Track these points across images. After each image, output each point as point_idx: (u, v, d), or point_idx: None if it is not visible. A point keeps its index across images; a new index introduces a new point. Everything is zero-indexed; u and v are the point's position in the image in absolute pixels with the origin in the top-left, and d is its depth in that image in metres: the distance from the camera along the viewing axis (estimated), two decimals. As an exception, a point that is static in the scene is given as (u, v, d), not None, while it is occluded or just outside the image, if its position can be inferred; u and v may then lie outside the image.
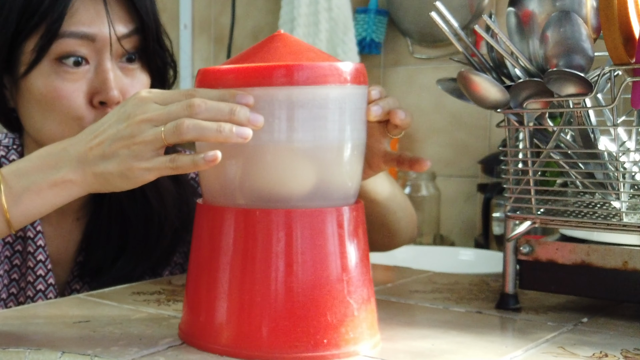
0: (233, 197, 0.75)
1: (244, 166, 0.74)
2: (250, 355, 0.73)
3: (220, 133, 0.72)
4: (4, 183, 0.82)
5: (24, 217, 0.83)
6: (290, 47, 0.77)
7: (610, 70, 0.80)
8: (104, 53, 1.00)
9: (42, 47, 0.98)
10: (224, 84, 0.75)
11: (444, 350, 0.77)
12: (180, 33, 2.67)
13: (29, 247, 1.07)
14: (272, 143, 0.73)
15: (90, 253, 1.11)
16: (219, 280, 0.74)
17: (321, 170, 0.75)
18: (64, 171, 0.80)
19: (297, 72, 0.72)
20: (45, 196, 0.81)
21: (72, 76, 1.00)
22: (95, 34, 0.99)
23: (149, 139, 0.75)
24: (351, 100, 0.75)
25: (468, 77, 0.84)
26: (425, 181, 2.04)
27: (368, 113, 0.79)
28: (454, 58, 1.00)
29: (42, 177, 0.81)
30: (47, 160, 0.82)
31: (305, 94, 0.73)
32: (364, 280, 0.76)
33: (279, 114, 0.73)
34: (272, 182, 0.74)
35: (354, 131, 0.76)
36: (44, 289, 1.08)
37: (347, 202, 0.77)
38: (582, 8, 0.82)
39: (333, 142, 0.75)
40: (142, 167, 0.76)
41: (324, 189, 0.75)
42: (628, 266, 0.86)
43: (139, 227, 1.11)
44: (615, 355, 0.75)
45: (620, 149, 0.84)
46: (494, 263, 1.54)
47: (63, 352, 0.72)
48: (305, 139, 0.73)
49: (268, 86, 0.72)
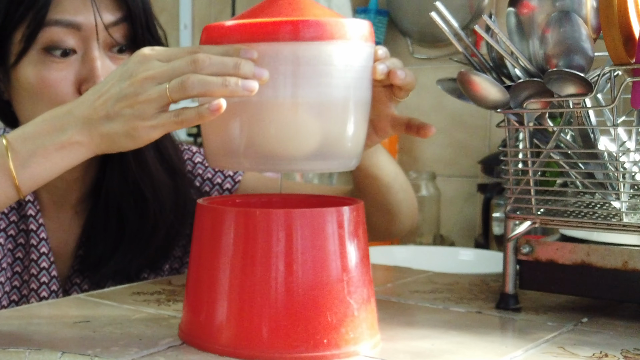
0: (237, 157, 0.75)
1: (248, 124, 0.74)
2: (250, 355, 0.73)
3: (226, 87, 0.71)
4: (11, 148, 0.81)
5: (32, 181, 0.82)
6: (296, 4, 0.76)
7: (610, 70, 0.80)
8: (91, 42, 1.00)
9: (29, 37, 0.99)
10: (229, 39, 0.74)
11: (444, 350, 0.77)
12: (180, 33, 2.67)
13: (32, 240, 1.07)
14: (277, 100, 0.73)
15: (90, 247, 1.11)
16: (219, 280, 0.74)
17: (325, 128, 0.74)
18: (70, 133, 0.80)
19: (303, 27, 0.72)
20: (53, 159, 0.81)
21: (59, 65, 1.00)
22: (81, 22, 1.00)
23: (153, 97, 0.74)
24: (357, 58, 0.75)
25: (468, 77, 0.84)
26: (425, 181, 2.04)
27: (374, 71, 0.79)
28: (454, 58, 1.00)
29: (49, 140, 0.80)
30: (53, 123, 0.81)
31: (310, 50, 0.72)
32: (364, 280, 0.76)
33: (283, 70, 0.72)
34: (276, 141, 0.73)
35: (359, 89, 0.76)
36: (47, 281, 1.08)
37: (349, 164, 0.76)
38: (582, 8, 0.82)
39: (338, 100, 0.74)
40: (147, 125, 0.75)
41: (327, 148, 0.74)
42: (628, 266, 0.86)
43: (134, 221, 1.11)
44: (615, 356, 0.75)
45: (620, 149, 0.84)
46: (494, 263, 1.54)
47: (63, 352, 0.72)
48: (310, 96, 0.73)
49: (273, 42, 0.72)
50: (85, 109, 0.80)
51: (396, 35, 2.18)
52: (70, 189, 1.11)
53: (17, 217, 1.09)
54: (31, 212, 1.08)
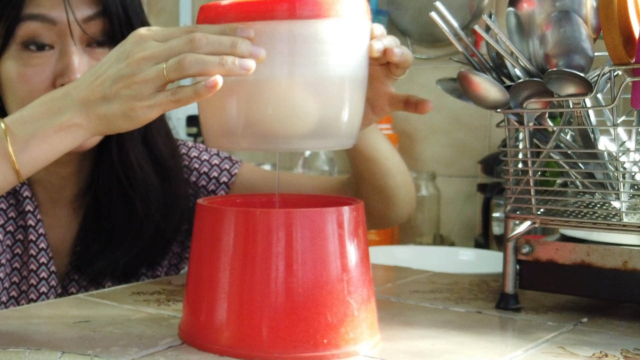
0: (235, 136, 0.75)
1: (245, 103, 0.74)
2: (250, 355, 0.73)
3: (223, 66, 0.71)
4: (9, 132, 0.81)
5: (31, 164, 0.82)
6: None
7: (610, 70, 0.80)
8: (67, 37, 1.00)
9: (7, 32, 1.00)
10: (226, 19, 0.74)
11: (444, 350, 0.77)
12: (180, 33, 2.66)
13: (31, 236, 1.08)
14: (274, 78, 0.72)
15: (86, 243, 1.12)
16: (219, 280, 0.74)
17: (322, 107, 0.74)
18: (69, 115, 0.80)
19: (299, 5, 0.72)
20: (52, 141, 0.81)
21: (35, 60, 1.00)
22: (56, 17, 1.00)
23: (150, 77, 0.74)
24: (354, 35, 0.75)
25: (468, 77, 0.84)
26: (425, 181, 2.04)
27: (371, 49, 0.79)
28: (454, 58, 1.00)
29: (47, 122, 0.80)
30: (51, 106, 0.81)
31: (307, 28, 0.72)
32: (364, 280, 0.76)
33: (280, 48, 0.72)
34: (273, 119, 0.73)
35: (356, 68, 0.75)
36: (46, 277, 1.09)
37: (346, 142, 0.76)
38: (582, 8, 0.82)
39: (334, 78, 0.74)
40: (144, 105, 0.75)
41: (324, 126, 0.74)
42: (628, 266, 0.86)
43: (122, 219, 1.11)
44: (615, 355, 0.75)
45: (620, 149, 0.84)
46: (494, 263, 1.54)
47: (63, 352, 0.72)
48: (306, 74, 0.73)
49: (270, 20, 0.72)
50: (82, 90, 0.79)
51: (396, 35, 2.16)
52: (65, 185, 1.11)
53: (15, 213, 1.09)
54: (29, 208, 1.08)
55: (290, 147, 0.74)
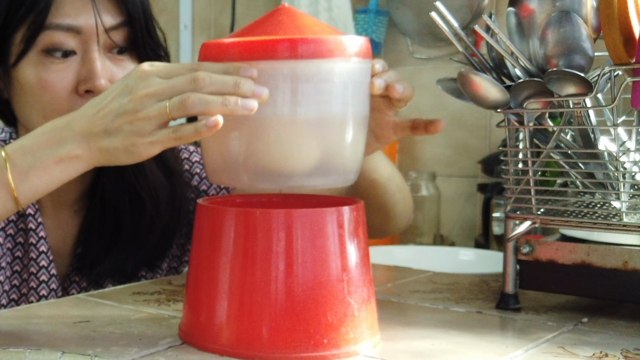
0: (237, 173, 0.75)
1: (247, 141, 0.74)
2: (251, 355, 0.72)
3: (226, 106, 0.72)
4: (10, 161, 0.82)
5: (31, 194, 0.83)
6: (294, 21, 0.76)
7: (610, 70, 0.80)
8: (91, 44, 1.01)
9: (29, 39, 0.99)
10: (228, 57, 0.74)
11: (444, 350, 0.77)
12: (180, 33, 2.66)
13: (31, 239, 1.08)
14: (276, 117, 0.73)
15: (88, 245, 1.12)
16: (219, 280, 0.74)
17: (324, 145, 0.74)
18: (69, 147, 0.80)
19: (302, 45, 0.72)
20: (52, 172, 0.81)
21: (58, 66, 1.00)
22: (81, 26, 1.00)
23: (153, 114, 0.75)
24: (355, 74, 0.75)
25: (468, 77, 0.84)
26: (425, 181, 2.04)
27: (372, 86, 0.79)
28: (454, 58, 1.00)
29: (48, 153, 0.81)
30: (52, 136, 0.81)
31: (309, 67, 0.72)
32: (364, 280, 0.76)
33: (283, 87, 0.72)
34: (276, 157, 0.73)
35: (358, 106, 0.76)
36: (46, 280, 1.09)
37: (348, 179, 0.76)
38: (582, 8, 0.82)
39: (337, 117, 0.74)
40: (145, 141, 0.76)
41: (326, 164, 0.74)
42: (628, 266, 0.86)
43: (130, 220, 1.11)
44: (616, 355, 0.75)
45: (620, 149, 0.84)
46: (494, 263, 1.54)
47: (63, 352, 0.72)
48: (309, 113, 0.73)
49: (272, 60, 0.72)
50: (84, 122, 0.80)
51: (396, 35, 2.18)
52: (68, 189, 1.11)
53: (15, 216, 1.09)
54: (30, 211, 1.08)
55: (292, 184, 0.74)
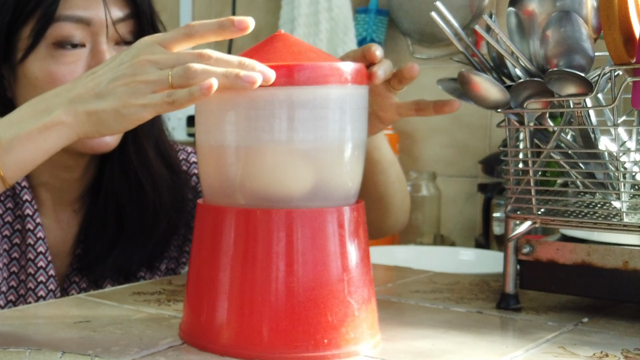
0: (234, 196, 0.75)
1: (244, 166, 0.74)
2: (251, 355, 0.72)
3: (227, 77, 0.71)
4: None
5: (17, 166, 0.80)
6: (290, 47, 0.77)
7: (611, 70, 0.80)
8: (100, 36, 1.02)
9: (39, 32, 1.00)
10: None
11: (444, 350, 0.77)
12: (181, 33, 2.66)
13: (29, 240, 1.07)
14: (273, 143, 0.73)
15: (88, 245, 1.11)
16: (220, 280, 0.74)
17: (322, 171, 0.75)
18: (55, 113, 0.78)
19: (298, 72, 0.72)
20: (36, 140, 0.78)
21: (67, 59, 1.01)
22: (91, 17, 1.01)
23: (152, 79, 0.74)
24: (352, 100, 0.75)
25: (468, 77, 0.84)
26: (425, 181, 2.04)
27: (373, 77, 0.80)
28: (454, 58, 1.00)
29: (33, 122, 0.78)
30: (39, 106, 0.80)
31: (305, 94, 0.73)
32: (364, 280, 0.76)
33: (279, 114, 0.73)
34: (273, 183, 0.74)
35: (355, 131, 0.76)
36: (45, 280, 1.08)
37: (347, 202, 0.77)
38: (582, 8, 0.82)
39: (334, 142, 0.75)
40: (138, 103, 0.74)
41: (324, 189, 0.75)
42: (628, 266, 0.86)
43: (134, 216, 1.11)
44: (616, 355, 0.75)
45: (620, 148, 0.84)
46: (495, 263, 1.54)
47: (63, 352, 0.72)
48: (306, 139, 0.73)
49: (269, 86, 0.72)
50: (75, 89, 0.78)
51: (396, 35, 2.18)
52: (70, 189, 1.11)
53: (11, 217, 1.09)
54: (28, 212, 1.08)
55: (289, 207, 0.74)
